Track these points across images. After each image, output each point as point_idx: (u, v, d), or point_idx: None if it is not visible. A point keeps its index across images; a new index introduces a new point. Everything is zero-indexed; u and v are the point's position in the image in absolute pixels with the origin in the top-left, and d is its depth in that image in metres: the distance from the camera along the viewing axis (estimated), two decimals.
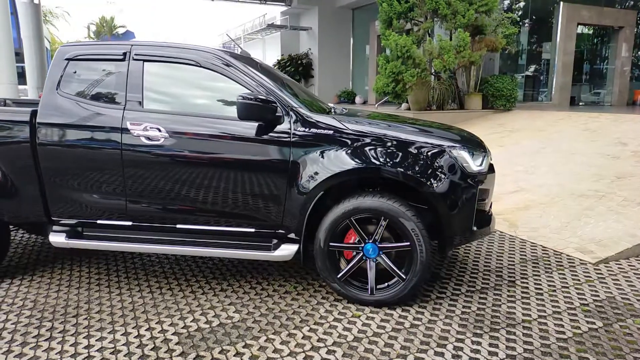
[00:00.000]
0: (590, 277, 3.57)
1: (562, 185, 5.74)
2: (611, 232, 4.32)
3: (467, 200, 3.06)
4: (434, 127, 3.47)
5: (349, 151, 3.03)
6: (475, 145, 3.28)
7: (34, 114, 3.25)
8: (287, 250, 3.13)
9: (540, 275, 3.59)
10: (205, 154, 3.13)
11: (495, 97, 11.55)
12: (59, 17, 31.66)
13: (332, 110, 3.70)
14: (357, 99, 18.72)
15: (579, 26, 14.85)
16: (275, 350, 2.55)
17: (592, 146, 7.27)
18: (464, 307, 3.06)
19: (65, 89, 3.28)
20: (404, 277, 3.01)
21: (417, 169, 2.99)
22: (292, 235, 3.15)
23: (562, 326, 2.82)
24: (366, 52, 19.84)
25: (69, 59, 3.33)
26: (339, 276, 3.08)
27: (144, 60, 3.26)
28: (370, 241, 3.04)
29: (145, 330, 2.76)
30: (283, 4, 21.33)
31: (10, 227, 3.61)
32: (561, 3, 14.06)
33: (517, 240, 4.40)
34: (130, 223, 3.29)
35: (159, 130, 3.12)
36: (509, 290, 3.31)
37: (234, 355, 2.50)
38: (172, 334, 2.71)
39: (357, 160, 3.01)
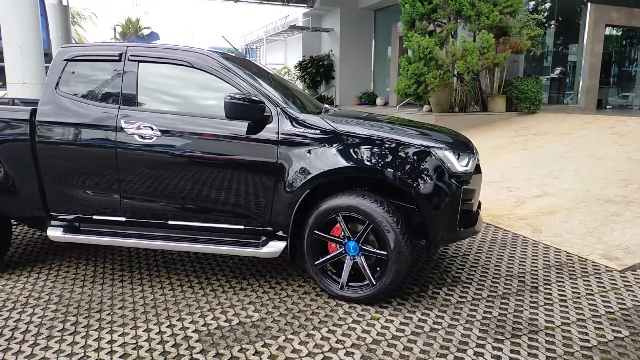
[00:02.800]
0: (616, 284, 3.48)
1: (588, 190, 5.62)
2: (638, 239, 4.20)
3: (451, 200, 3.08)
4: (421, 128, 3.51)
5: (335, 151, 3.10)
6: (461, 146, 3.31)
7: (33, 112, 3.38)
8: (274, 247, 3.20)
9: (564, 281, 3.52)
10: (195, 152, 3.22)
11: (519, 100, 11.37)
12: (87, 18, 32.34)
13: (323, 110, 3.76)
14: (378, 101, 18.65)
15: (607, 27, 14.51)
16: (294, 351, 2.56)
17: (620, 150, 7.09)
18: (485, 312, 3.02)
19: (63, 88, 3.40)
20: (374, 283, 3.06)
21: (401, 168, 3.04)
22: (280, 233, 3.22)
23: (587, 334, 2.76)
24: (388, 54, 19.75)
25: (67, 60, 3.45)
26: (316, 263, 3.19)
27: (139, 61, 3.36)
28: (354, 240, 3.10)
29: (167, 326, 2.80)
30: (305, 5, 21.39)
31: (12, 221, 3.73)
32: (589, 4, 13.77)
33: (541, 245, 4.32)
34: (124, 219, 3.39)
35: (152, 129, 3.22)
36: (531, 296, 3.25)
37: (253, 354, 2.52)
38: (193, 332, 2.75)
39: (342, 159, 3.07)
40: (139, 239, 3.37)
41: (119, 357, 2.49)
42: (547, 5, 15.39)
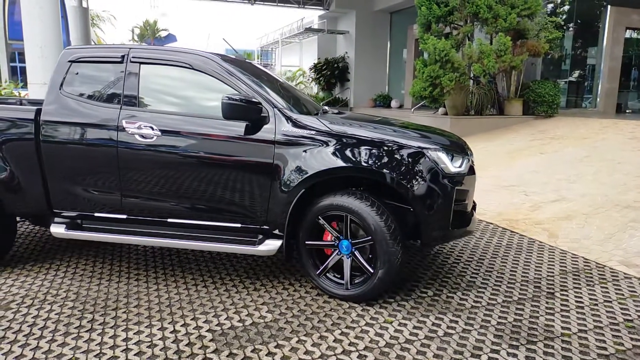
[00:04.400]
0: (635, 291, 3.41)
1: (607, 196, 5.52)
2: None
3: (444, 201, 3.12)
4: (416, 130, 3.53)
5: (330, 151, 3.15)
6: (455, 147, 3.35)
7: (38, 112, 3.46)
8: (271, 246, 3.24)
9: (582, 288, 3.47)
10: (195, 152, 3.29)
11: (536, 103, 11.24)
12: (105, 20, 32.84)
13: (320, 111, 3.82)
14: (393, 103, 18.59)
15: (628, 30, 14.27)
16: (307, 352, 2.56)
17: None
18: (500, 317, 2.99)
19: (67, 88, 3.49)
20: (372, 271, 3.10)
21: (394, 168, 3.09)
22: (276, 232, 3.27)
23: (604, 342, 2.71)
24: (403, 56, 19.69)
25: (71, 61, 3.54)
26: (317, 273, 3.27)
27: (141, 63, 3.44)
28: (344, 238, 3.17)
29: (181, 325, 2.82)
30: (321, 7, 21.45)
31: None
32: (609, 7, 13.56)
33: (557, 250, 4.26)
34: (125, 216, 3.47)
35: (152, 129, 3.28)
36: (547, 303, 3.21)
37: (266, 355, 2.53)
38: (206, 331, 2.77)
39: (336, 159, 3.12)
40: (139, 236, 3.44)
41: (134, 354, 2.52)
42: (566, 7, 15.19)
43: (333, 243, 3.20)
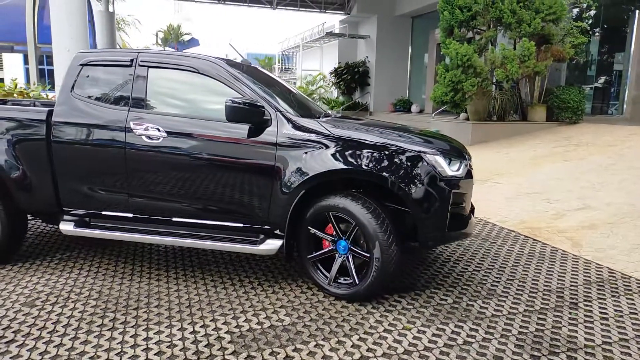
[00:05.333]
0: None
1: (633, 205, 5.39)
2: None
3: (441, 203, 3.17)
4: (416, 134, 3.58)
5: (329, 154, 3.22)
6: (453, 151, 3.40)
7: (50, 113, 3.58)
8: (272, 245, 3.31)
9: (606, 299, 3.38)
10: (198, 153, 3.37)
11: (560, 109, 11.05)
12: (130, 24, 33.50)
13: (322, 115, 3.91)
14: (413, 108, 18.49)
15: None
16: (325, 357, 2.56)
17: None
18: (521, 326, 2.93)
19: (78, 91, 3.61)
20: (357, 282, 3.17)
21: (392, 171, 3.15)
22: (277, 232, 3.34)
23: (630, 355, 2.64)
24: (424, 61, 19.58)
25: (83, 64, 3.67)
26: (308, 257, 3.37)
27: (149, 67, 3.55)
28: (344, 239, 3.24)
29: (200, 326, 2.85)
30: (342, 12, 21.50)
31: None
32: (637, 11, 13.25)
33: (581, 260, 4.17)
34: (131, 215, 3.56)
35: (159, 130, 3.38)
36: (570, 313, 3.14)
37: (284, 358, 2.53)
38: (225, 333, 2.79)
39: (336, 161, 3.19)
40: (145, 234, 3.53)
41: (154, 354, 2.55)
42: (593, 12, 14.91)
43: (332, 248, 3.28)
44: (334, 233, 3.26)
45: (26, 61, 19.60)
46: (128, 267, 3.82)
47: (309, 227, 3.29)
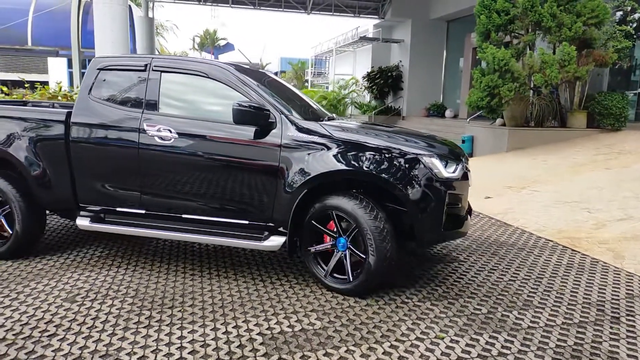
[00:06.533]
0: None
1: None
2: None
3: (437, 204, 3.32)
4: (415, 137, 3.71)
5: (330, 155, 3.37)
6: (450, 154, 3.55)
7: (68, 114, 3.77)
8: (275, 242, 3.47)
9: None
10: (207, 153, 3.54)
11: (602, 116, 10.67)
12: (169, 29, 34.40)
13: (326, 118, 4.05)
14: (447, 113, 18.24)
15: None
16: None
17: None
18: (559, 339, 2.84)
19: (95, 93, 3.81)
20: (350, 280, 3.34)
21: (390, 172, 3.30)
22: (281, 229, 3.48)
23: None
24: (459, 65, 19.29)
25: (100, 69, 3.88)
26: (308, 248, 3.51)
27: (162, 71, 3.74)
28: (344, 236, 3.38)
29: (233, 327, 2.89)
30: (376, 16, 21.44)
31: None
32: None
33: (623, 272, 4.00)
34: (144, 211, 3.74)
35: (170, 132, 3.56)
36: (612, 327, 3.02)
37: None
38: (257, 334, 2.81)
39: (336, 163, 3.34)
40: (156, 229, 3.70)
41: (188, 352, 2.60)
42: (637, 15, 14.35)
43: (334, 234, 3.41)
44: (335, 230, 3.40)
45: (70, 65, 20.40)
46: (164, 265, 3.91)
47: (313, 221, 3.43)
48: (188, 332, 2.82)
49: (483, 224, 5.55)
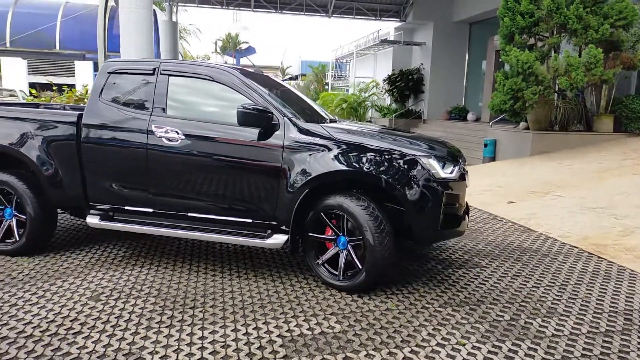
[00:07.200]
0: None
1: None
2: None
3: (434, 204, 3.41)
4: (414, 139, 3.81)
5: (331, 156, 3.48)
6: (448, 155, 3.65)
7: (80, 116, 3.92)
8: (278, 240, 3.56)
9: None
10: (212, 154, 3.66)
11: (630, 120, 10.42)
12: (191, 33, 34.89)
13: (328, 120, 4.16)
14: (469, 116, 18.03)
15: None
16: None
17: None
18: (584, 349, 2.78)
19: (105, 96, 3.94)
20: (360, 267, 3.42)
21: (388, 172, 3.40)
22: (284, 227, 3.58)
23: None
24: (482, 68, 19.06)
25: (110, 72, 4.00)
26: (317, 262, 3.62)
27: (169, 75, 3.86)
28: (342, 234, 3.50)
29: (253, 329, 2.91)
30: (397, 19, 21.37)
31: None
32: None
33: None
34: (151, 210, 3.86)
35: (177, 133, 3.68)
36: None
37: None
38: (277, 336, 2.82)
39: (336, 163, 3.45)
40: (163, 227, 3.82)
41: (209, 353, 2.62)
42: None
43: (334, 238, 3.53)
44: (335, 229, 3.51)
45: (96, 68, 20.85)
46: (185, 265, 3.96)
47: (311, 222, 3.55)
48: (209, 333, 2.85)
49: (506, 229, 5.46)
